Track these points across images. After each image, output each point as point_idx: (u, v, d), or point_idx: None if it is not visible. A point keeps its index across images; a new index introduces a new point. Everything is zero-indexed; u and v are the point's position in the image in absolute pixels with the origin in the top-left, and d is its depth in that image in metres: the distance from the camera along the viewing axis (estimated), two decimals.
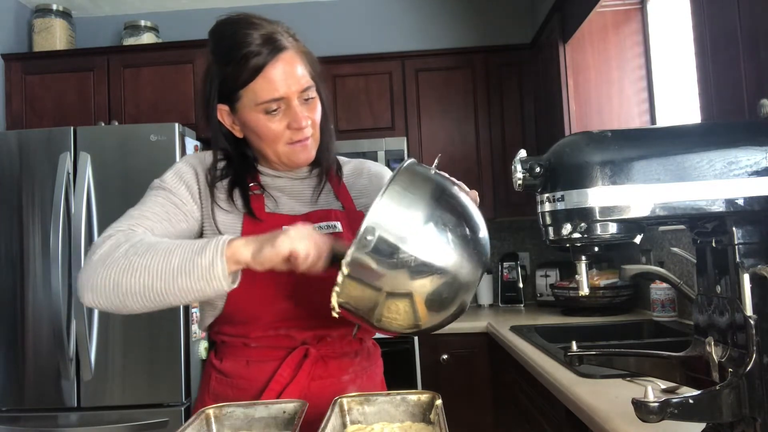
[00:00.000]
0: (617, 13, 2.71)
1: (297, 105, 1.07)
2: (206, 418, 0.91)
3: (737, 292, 0.80)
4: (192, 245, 0.92)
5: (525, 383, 2.08)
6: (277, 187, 1.16)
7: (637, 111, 2.69)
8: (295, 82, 1.05)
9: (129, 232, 1.00)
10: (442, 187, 0.92)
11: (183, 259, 0.91)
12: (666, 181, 0.79)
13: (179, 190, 1.10)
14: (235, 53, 1.03)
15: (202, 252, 0.91)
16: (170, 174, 1.13)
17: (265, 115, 1.06)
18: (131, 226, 1.02)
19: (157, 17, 3.45)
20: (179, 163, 1.16)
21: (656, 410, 0.74)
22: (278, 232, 0.91)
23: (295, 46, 1.08)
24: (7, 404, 2.53)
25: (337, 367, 1.12)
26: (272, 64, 1.03)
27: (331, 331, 1.11)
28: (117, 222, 1.04)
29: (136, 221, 1.03)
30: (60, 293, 2.48)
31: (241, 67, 1.03)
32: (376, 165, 1.28)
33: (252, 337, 1.09)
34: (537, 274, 3.32)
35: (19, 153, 2.58)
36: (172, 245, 0.93)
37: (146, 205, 1.08)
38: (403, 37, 3.48)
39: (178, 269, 0.91)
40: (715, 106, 1.40)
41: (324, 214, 1.13)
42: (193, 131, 2.81)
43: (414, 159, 0.97)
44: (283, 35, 1.06)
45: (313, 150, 1.12)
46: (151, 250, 0.93)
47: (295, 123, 1.06)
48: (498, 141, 3.23)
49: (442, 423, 0.84)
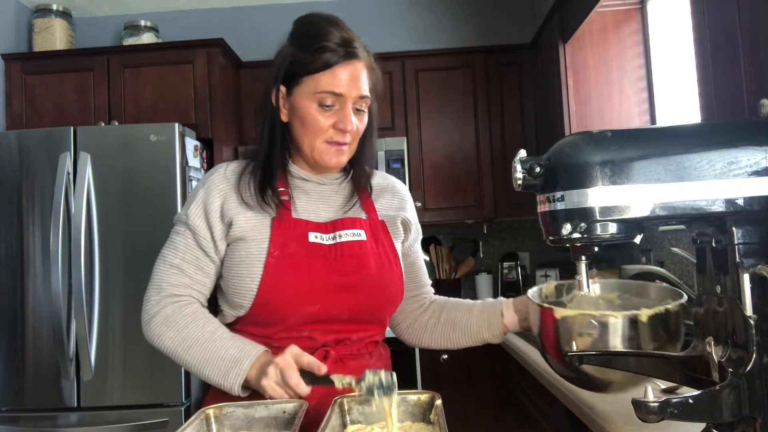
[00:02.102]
0: (617, 13, 2.71)
1: (350, 109, 1.11)
2: (206, 418, 0.91)
3: (737, 292, 0.80)
4: (221, 363, 1.06)
5: (525, 383, 2.08)
6: (305, 190, 1.18)
7: (637, 111, 2.69)
8: (357, 88, 1.10)
9: (175, 303, 1.12)
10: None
11: (212, 373, 1.06)
12: (666, 181, 0.79)
13: (202, 230, 1.13)
14: (314, 42, 1.09)
15: (226, 376, 1.05)
16: (194, 210, 1.15)
17: (318, 106, 1.10)
18: (175, 293, 1.12)
19: (157, 17, 3.45)
20: (204, 193, 1.16)
21: (656, 410, 0.74)
22: (264, 372, 1.01)
23: (367, 59, 1.14)
24: (7, 404, 2.53)
25: (354, 369, 1.13)
26: (343, 65, 1.09)
27: (352, 335, 1.15)
28: (160, 272, 1.14)
29: (176, 280, 1.13)
30: (60, 293, 2.48)
31: (314, 56, 1.08)
32: (400, 183, 1.32)
33: (275, 339, 1.11)
34: (537, 274, 3.32)
35: (19, 153, 2.58)
36: (208, 352, 1.07)
37: (180, 252, 1.14)
38: (403, 37, 3.48)
39: (206, 378, 1.08)
40: (715, 106, 1.40)
41: (350, 222, 1.16)
42: (193, 131, 2.81)
43: None
44: (359, 45, 1.12)
45: (345, 157, 1.15)
46: (192, 350, 1.08)
47: (341, 123, 1.10)
48: (498, 141, 3.23)
49: (441, 423, 0.84)
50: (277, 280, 1.08)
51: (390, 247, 1.19)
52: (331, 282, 1.10)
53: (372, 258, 1.14)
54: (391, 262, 1.17)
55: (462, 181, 3.22)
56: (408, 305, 1.30)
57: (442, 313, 1.28)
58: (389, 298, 1.18)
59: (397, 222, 1.23)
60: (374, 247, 1.16)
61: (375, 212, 1.21)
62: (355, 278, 1.11)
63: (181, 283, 1.13)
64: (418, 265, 1.32)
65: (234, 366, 1.04)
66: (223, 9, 3.55)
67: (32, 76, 3.02)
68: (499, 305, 1.23)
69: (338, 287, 1.10)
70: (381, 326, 1.21)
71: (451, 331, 1.26)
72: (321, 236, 1.13)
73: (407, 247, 1.28)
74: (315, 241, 1.12)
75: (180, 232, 1.15)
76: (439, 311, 1.29)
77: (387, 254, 1.17)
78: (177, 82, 2.95)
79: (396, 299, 1.20)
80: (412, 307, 1.31)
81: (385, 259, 1.16)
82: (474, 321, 1.23)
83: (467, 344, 1.26)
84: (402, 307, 1.29)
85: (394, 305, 1.21)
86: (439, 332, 1.27)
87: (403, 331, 1.32)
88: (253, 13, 3.48)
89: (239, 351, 1.05)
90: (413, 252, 1.31)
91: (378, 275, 1.14)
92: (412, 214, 1.29)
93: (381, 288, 1.15)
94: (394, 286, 1.17)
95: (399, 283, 1.19)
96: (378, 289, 1.14)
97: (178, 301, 1.12)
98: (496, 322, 1.22)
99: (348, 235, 1.14)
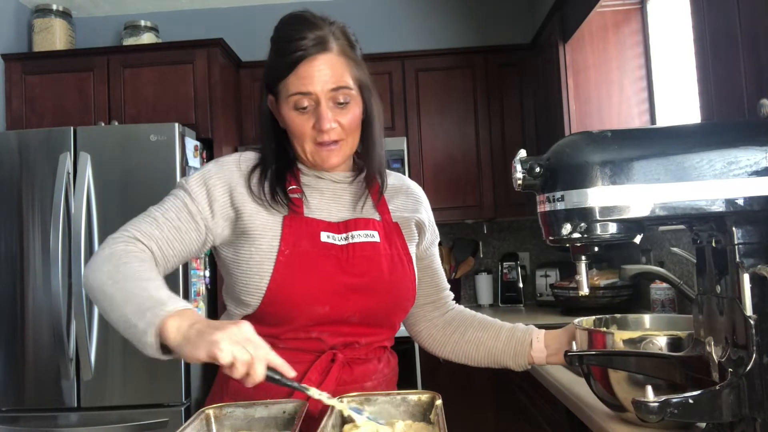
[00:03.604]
0: (617, 13, 2.71)
1: (325, 106, 1.06)
2: (206, 418, 0.91)
3: (737, 292, 0.80)
4: (145, 302, 0.92)
5: (525, 383, 2.08)
6: (318, 188, 1.16)
7: (637, 111, 2.69)
8: (326, 82, 1.05)
9: (130, 244, 1.02)
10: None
11: (131, 312, 0.92)
12: (666, 181, 0.79)
13: (199, 196, 1.09)
14: (281, 46, 1.07)
15: (143, 316, 0.90)
16: (196, 177, 1.12)
17: (294, 111, 1.07)
18: (138, 237, 1.04)
19: (157, 17, 3.45)
20: (213, 167, 1.13)
21: (656, 410, 0.74)
22: (216, 325, 0.87)
23: (342, 50, 1.08)
24: (7, 404, 2.53)
25: (362, 373, 1.12)
26: (306, 62, 1.05)
27: (361, 339, 1.12)
28: (135, 220, 1.07)
29: (146, 229, 1.05)
30: (60, 293, 2.48)
31: (281, 60, 1.06)
32: (414, 184, 1.29)
33: (282, 339, 1.09)
34: (537, 274, 3.32)
35: (19, 153, 2.58)
36: (136, 288, 0.94)
37: (164, 208, 1.08)
38: (403, 37, 3.48)
39: (124, 321, 0.93)
40: (715, 106, 1.40)
41: (364, 223, 1.13)
42: (193, 131, 2.81)
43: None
44: (332, 37, 1.07)
45: (341, 155, 1.11)
46: (121, 284, 0.95)
47: (318, 123, 1.06)
48: (498, 141, 3.23)
49: (441, 423, 0.84)
50: (287, 279, 1.05)
51: (404, 250, 1.16)
52: (341, 283, 1.07)
53: (384, 260, 1.11)
54: (404, 265, 1.14)
55: (462, 181, 3.22)
56: (427, 312, 1.27)
57: (468, 330, 1.24)
58: (400, 302, 1.15)
59: (411, 224, 1.20)
60: (387, 249, 1.13)
61: (389, 213, 1.18)
62: (366, 280, 1.09)
63: (148, 234, 1.04)
64: (435, 269, 1.28)
65: (156, 306, 0.90)
66: (223, 9, 3.55)
67: (32, 76, 3.02)
68: (529, 336, 1.19)
69: (349, 289, 1.08)
70: (391, 330, 1.18)
71: (474, 352, 1.23)
72: (333, 236, 1.10)
73: (423, 250, 1.25)
74: (327, 240, 1.09)
75: (173, 193, 1.11)
76: (464, 327, 1.24)
77: (400, 257, 1.14)
78: (177, 82, 2.95)
79: (407, 303, 1.17)
80: (432, 315, 1.27)
81: (398, 261, 1.13)
82: (500, 346, 1.20)
83: (488, 366, 1.23)
84: (421, 312, 1.26)
85: (405, 310, 1.18)
86: (462, 349, 1.24)
87: (423, 338, 1.28)
88: (253, 13, 3.48)
89: (170, 297, 0.93)
90: (430, 255, 1.27)
91: (390, 278, 1.11)
92: (427, 216, 1.25)
93: (392, 291, 1.12)
94: (405, 290, 1.14)
95: (411, 287, 1.16)
96: (389, 292, 1.11)
97: (133, 245, 1.03)
98: (523, 352, 1.19)
99: (361, 236, 1.11)
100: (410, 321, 1.29)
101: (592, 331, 1.04)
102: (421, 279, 1.23)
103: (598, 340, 1.02)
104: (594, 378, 1.03)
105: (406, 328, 1.31)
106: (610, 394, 1.02)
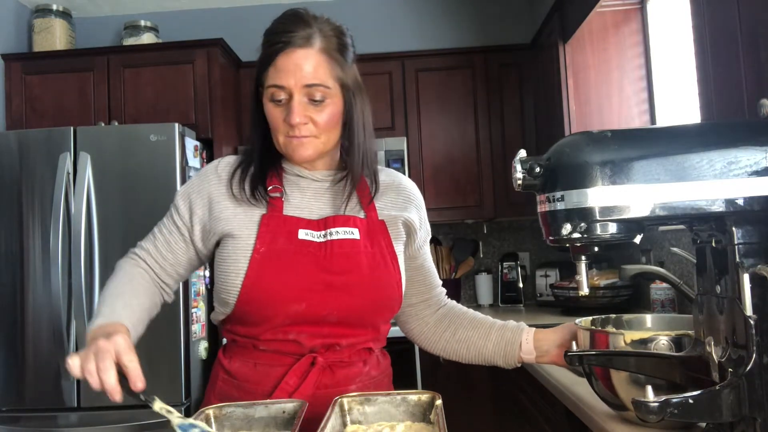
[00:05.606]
0: (617, 13, 2.71)
1: (298, 101, 1.06)
2: (206, 418, 0.91)
3: (737, 292, 0.80)
4: (96, 313, 1.05)
5: (525, 383, 2.08)
6: (300, 187, 1.16)
7: (637, 111, 2.69)
8: (301, 77, 1.05)
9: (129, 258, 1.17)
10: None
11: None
12: (666, 181, 0.79)
13: (182, 209, 1.16)
14: (268, 38, 1.09)
15: (90, 326, 1.02)
16: (181, 191, 1.19)
17: (270, 103, 1.09)
18: (136, 251, 1.18)
19: (157, 17, 3.45)
20: (195, 180, 1.19)
21: (656, 410, 0.74)
22: (88, 341, 0.95)
23: (326, 48, 1.08)
24: (7, 404, 2.53)
25: (344, 377, 1.11)
26: (283, 55, 1.06)
27: (341, 340, 1.11)
28: (144, 241, 1.20)
29: (145, 243, 1.18)
30: (60, 293, 2.48)
31: (265, 51, 1.09)
32: (408, 181, 1.27)
33: (262, 339, 1.09)
34: (537, 274, 3.32)
35: (19, 153, 2.58)
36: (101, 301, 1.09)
37: (161, 224, 1.19)
38: (403, 37, 3.48)
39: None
40: (715, 106, 1.40)
41: (344, 220, 1.12)
42: (193, 131, 2.81)
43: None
44: (319, 35, 1.08)
45: (311, 149, 1.10)
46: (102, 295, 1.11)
47: (288, 117, 1.07)
48: (498, 141, 3.23)
49: (441, 423, 0.84)
50: (261, 277, 1.05)
51: (388, 249, 1.13)
52: (318, 280, 1.06)
53: (364, 258, 1.09)
54: (387, 265, 1.12)
55: (462, 181, 3.22)
56: (419, 310, 1.26)
57: (459, 329, 1.23)
58: (383, 302, 1.12)
59: (398, 223, 1.17)
60: (368, 247, 1.11)
61: (375, 211, 1.16)
62: (345, 278, 1.07)
63: (145, 248, 1.17)
64: (427, 267, 1.26)
65: (93, 319, 1.04)
66: (223, 9, 3.55)
67: (32, 76, 3.02)
68: (519, 336, 1.19)
69: (326, 286, 1.06)
70: (374, 331, 1.15)
71: (465, 351, 1.23)
72: (312, 233, 1.09)
73: (416, 249, 1.23)
74: (305, 238, 1.08)
75: (169, 209, 1.20)
76: (455, 326, 1.24)
77: (383, 255, 1.12)
78: (177, 82, 2.95)
79: (392, 303, 1.14)
80: (424, 313, 1.26)
81: (381, 260, 1.11)
82: (490, 347, 1.20)
83: (479, 364, 1.24)
84: (413, 311, 1.26)
85: (390, 310, 1.16)
86: (453, 348, 1.24)
87: (416, 335, 1.28)
88: (253, 13, 3.48)
89: (108, 314, 1.04)
90: (422, 254, 1.25)
91: (370, 276, 1.09)
92: (418, 214, 1.23)
93: (373, 290, 1.10)
94: (389, 290, 1.12)
95: (396, 288, 1.14)
96: (370, 291, 1.09)
97: (132, 259, 1.17)
98: (513, 354, 1.19)
99: (340, 233, 1.10)
100: (402, 319, 1.29)
101: (596, 332, 1.04)
102: (413, 278, 1.23)
103: (602, 340, 1.02)
104: (596, 377, 1.03)
105: (399, 326, 1.31)
106: (613, 394, 1.01)
